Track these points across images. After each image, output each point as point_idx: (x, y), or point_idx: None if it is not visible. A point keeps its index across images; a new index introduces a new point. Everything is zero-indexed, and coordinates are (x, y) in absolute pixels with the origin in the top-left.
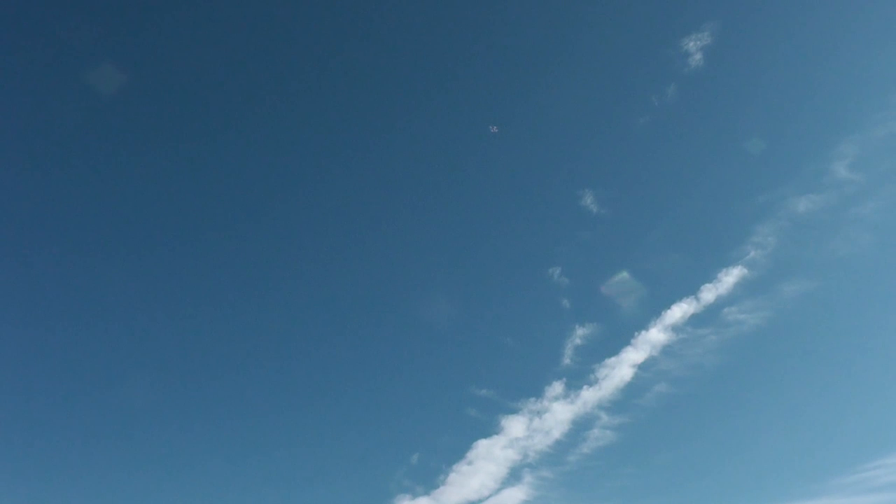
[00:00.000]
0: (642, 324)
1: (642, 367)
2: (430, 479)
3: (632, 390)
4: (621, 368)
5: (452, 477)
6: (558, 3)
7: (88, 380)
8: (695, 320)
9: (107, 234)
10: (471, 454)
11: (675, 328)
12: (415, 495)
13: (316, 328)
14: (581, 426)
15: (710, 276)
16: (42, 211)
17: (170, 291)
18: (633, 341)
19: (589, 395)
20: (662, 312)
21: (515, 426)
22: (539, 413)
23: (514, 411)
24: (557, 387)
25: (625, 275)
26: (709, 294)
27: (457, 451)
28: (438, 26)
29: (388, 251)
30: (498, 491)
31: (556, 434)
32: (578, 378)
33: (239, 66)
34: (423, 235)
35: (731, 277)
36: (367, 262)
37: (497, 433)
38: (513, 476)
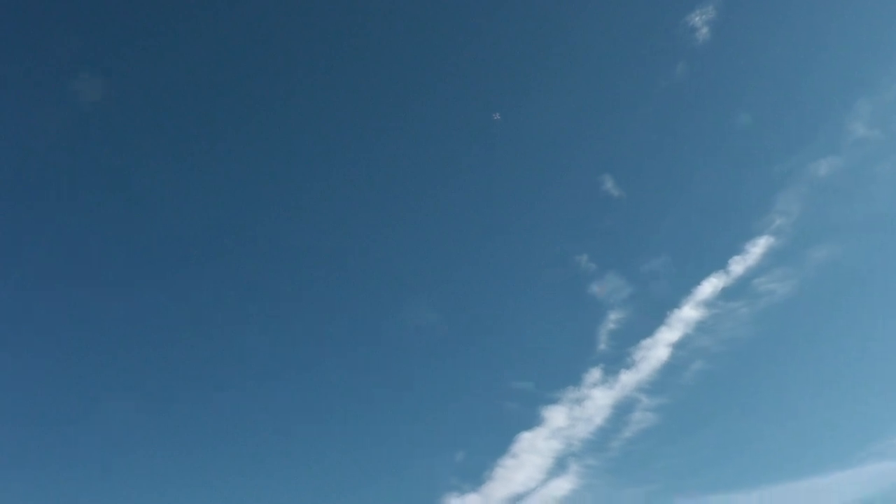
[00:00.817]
0: (675, 302)
1: (678, 346)
2: (477, 476)
3: (669, 370)
4: (657, 349)
5: (498, 472)
6: None
7: (102, 390)
8: (726, 294)
9: (102, 242)
10: (515, 448)
11: (708, 304)
12: (462, 492)
13: (353, 333)
14: (622, 410)
15: (737, 249)
16: (32, 221)
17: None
18: (666, 321)
19: (627, 379)
20: (693, 289)
21: (557, 416)
22: (579, 401)
23: (554, 401)
24: (595, 373)
25: (652, 256)
26: (738, 266)
27: (500, 446)
28: (447, 14)
29: (420, 247)
30: (545, 482)
31: (598, 421)
32: (615, 363)
33: (227, 70)
34: (448, 234)
35: (758, 248)
36: (398, 263)
37: (539, 425)
38: (558, 466)
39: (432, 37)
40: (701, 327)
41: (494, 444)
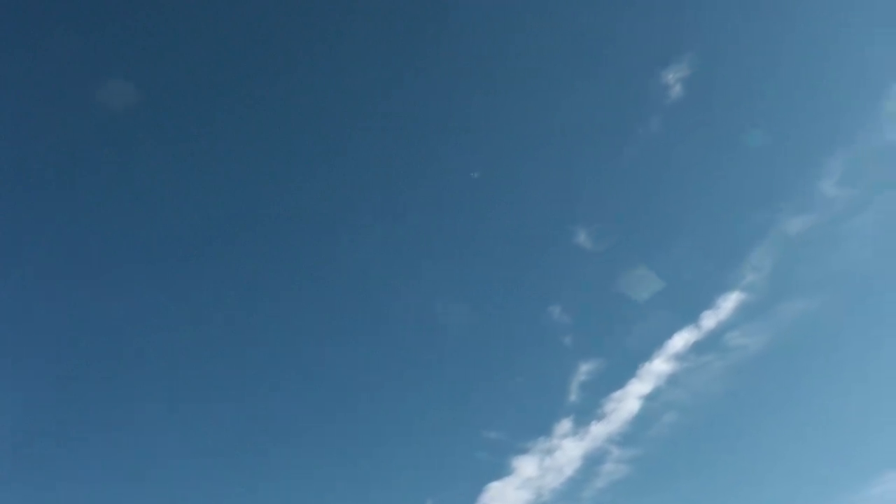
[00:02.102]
0: (646, 355)
1: (649, 399)
2: None
3: (641, 422)
4: (628, 401)
5: None
6: (537, 43)
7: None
8: (697, 348)
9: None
10: (484, 498)
11: (679, 357)
12: None
13: (319, 378)
14: (592, 461)
15: (709, 303)
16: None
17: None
18: (638, 373)
19: (598, 430)
20: (665, 342)
21: (527, 466)
22: (549, 451)
23: (524, 451)
24: (566, 424)
25: (624, 308)
26: (709, 321)
27: (470, 496)
28: (427, 68)
29: (389, 297)
30: None
31: (569, 471)
32: (586, 414)
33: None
34: (421, 283)
35: (729, 302)
36: (368, 308)
37: (509, 475)
38: None
39: (424, 75)
40: (672, 380)
41: (464, 493)
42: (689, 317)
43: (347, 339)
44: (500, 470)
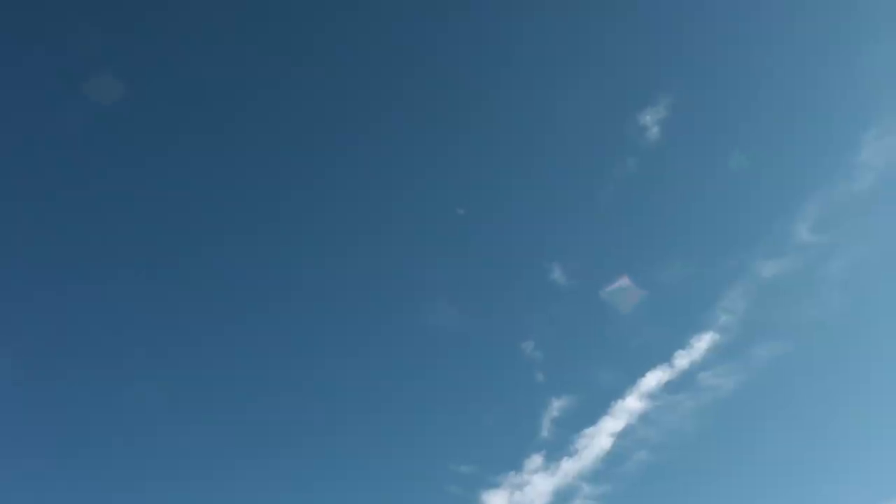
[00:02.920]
0: (618, 393)
1: (621, 436)
2: None
3: (612, 459)
4: (600, 438)
5: None
6: (515, 80)
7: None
8: (670, 387)
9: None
10: None
11: (651, 395)
12: None
13: (286, 408)
14: (563, 497)
15: (682, 343)
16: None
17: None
18: (610, 410)
19: (569, 467)
20: (638, 380)
21: (497, 501)
22: (520, 486)
23: (495, 486)
24: (537, 459)
25: (597, 345)
26: (682, 360)
27: None
28: (409, 104)
29: (363, 328)
30: None
31: None
32: (557, 450)
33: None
34: (394, 315)
35: (703, 343)
36: (340, 333)
37: None
38: None
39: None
40: (644, 418)
41: None
42: (663, 356)
43: (318, 369)
44: None
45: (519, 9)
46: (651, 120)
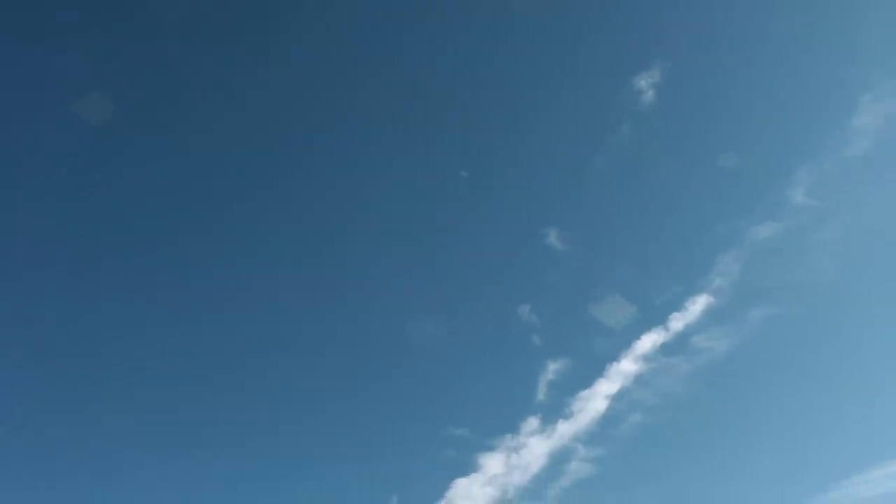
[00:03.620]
0: (614, 355)
1: (616, 398)
2: None
3: (607, 422)
4: (595, 401)
5: None
6: (512, 48)
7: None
8: (665, 349)
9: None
10: (450, 494)
11: (647, 358)
12: None
13: (292, 373)
14: (558, 460)
15: (677, 306)
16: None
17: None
18: (605, 373)
19: (565, 429)
20: (633, 343)
21: (493, 463)
22: (516, 449)
23: (491, 448)
24: (533, 422)
25: (594, 309)
26: (677, 323)
27: (436, 492)
28: (403, 69)
29: (362, 294)
30: None
31: (534, 469)
32: (553, 412)
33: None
34: (394, 280)
35: (697, 306)
36: (340, 304)
37: (475, 471)
38: None
39: (402, 79)
40: (639, 380)
41: (430, 490)
42: (658, 318)
43: (314, 335)
44: (466, 467)
45: None
46: (646, 84)
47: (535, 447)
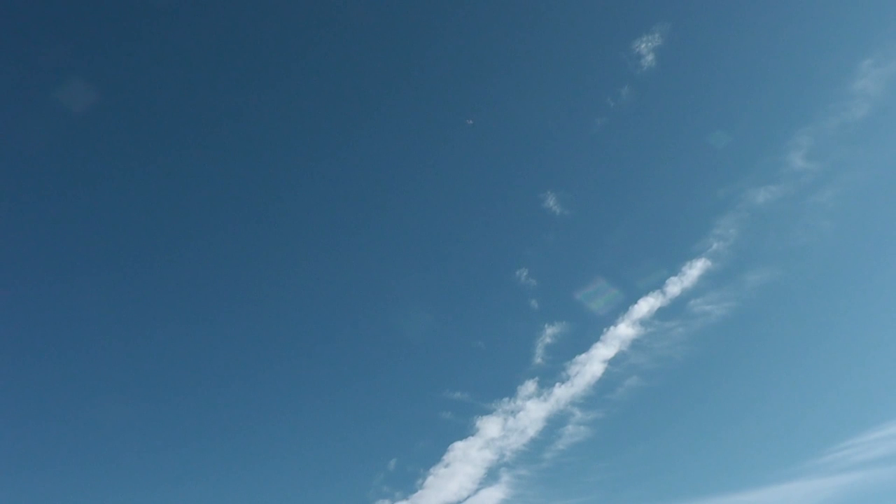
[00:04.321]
0: (611, 320)
1: (613, 363)
2: (409, 484)
3: (603, 386)
4: (592, 364)
5: (430, 480)
6: (511, 11)
7: (74, 392)
8: (662, 313)
9: (93, 245)
10: (448, 457)
11: (643, 322)
12: (394, 500)
13: (288, 339)
14: (555, 423)
15: (674, 270)
16: (20, 225)
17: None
18: (602, 337)
19: (561, 393)
20: (630, 307)
21: (490, 427)
22: (513, 412)
23: (488, 412)
24: (530, 386)
25: (591, 273)
26: (674, 287)
27: (434, 455)
28: (395, 36)
29: (360, 260)
30: (476, 491)
31: (531, 432)
32: (550, 376)
33: (218, 72)
34: (392, 245)
35: (695, 270)
36: (339, 270)
37: (473, 434)
38: (490, 476)
39: (391, 49)
40: (636, 345)
41: (428, 452)
42: (655, 283)
43: (315, 302)
44: (464, 430)
45: None
46: (646, 48)
47: (532, 411)
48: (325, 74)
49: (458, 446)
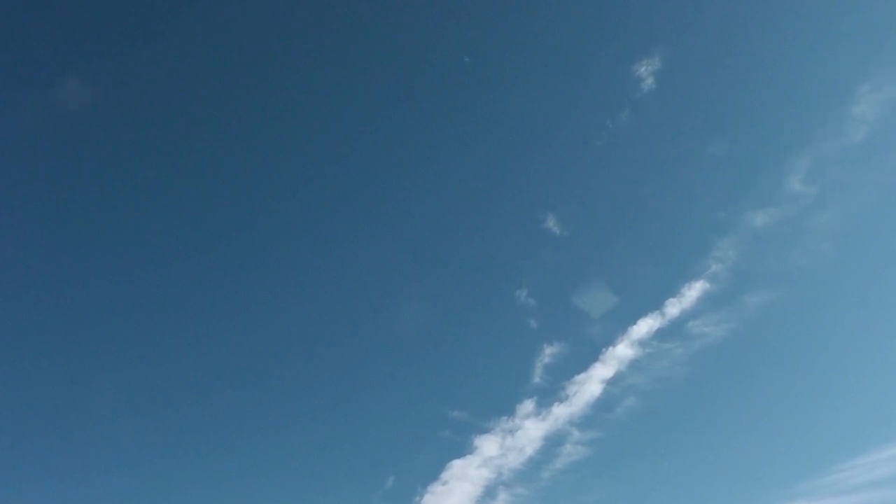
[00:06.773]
0: (609, 340)
1: (611, 383)
2: (406, 502)
3: (602, 405)
4: (591, 384)
5: (428, 498)
6: (514, 33)
7: (77, 393)
8: (661, 334)
9: (89, 245)
10: (445, 475)
11: (642, 343)
12: None
13: (285, 355)
14: (553, 442)
15: (673, 291)
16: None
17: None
18: (601, 357)
19: (560, 412)
20: (629, 328)
21: (488, 445)
22: (511, 431)
23: (486, 431)
24: (528, 405)
25: (590, 293)
26: (673, 308)
27: (431, 473)
28: (398, 49)
29: (362, 277)
30: None
31: (529, 451)
32: (549, 395)
33: (215, 70)
34: (392, 263)
35: (694, 291)
36: (341, 284)
37: (470, 453)
38: (487, 495)
39: (392, 61)
40: (635, 365)
41: (425, 470)
42: (654, 304)
43: (311, 318)
44: (462, 448)
45: None
46: (645, 71)
47: (530, 430)
48: (325, 84)
49: (457, 464)
